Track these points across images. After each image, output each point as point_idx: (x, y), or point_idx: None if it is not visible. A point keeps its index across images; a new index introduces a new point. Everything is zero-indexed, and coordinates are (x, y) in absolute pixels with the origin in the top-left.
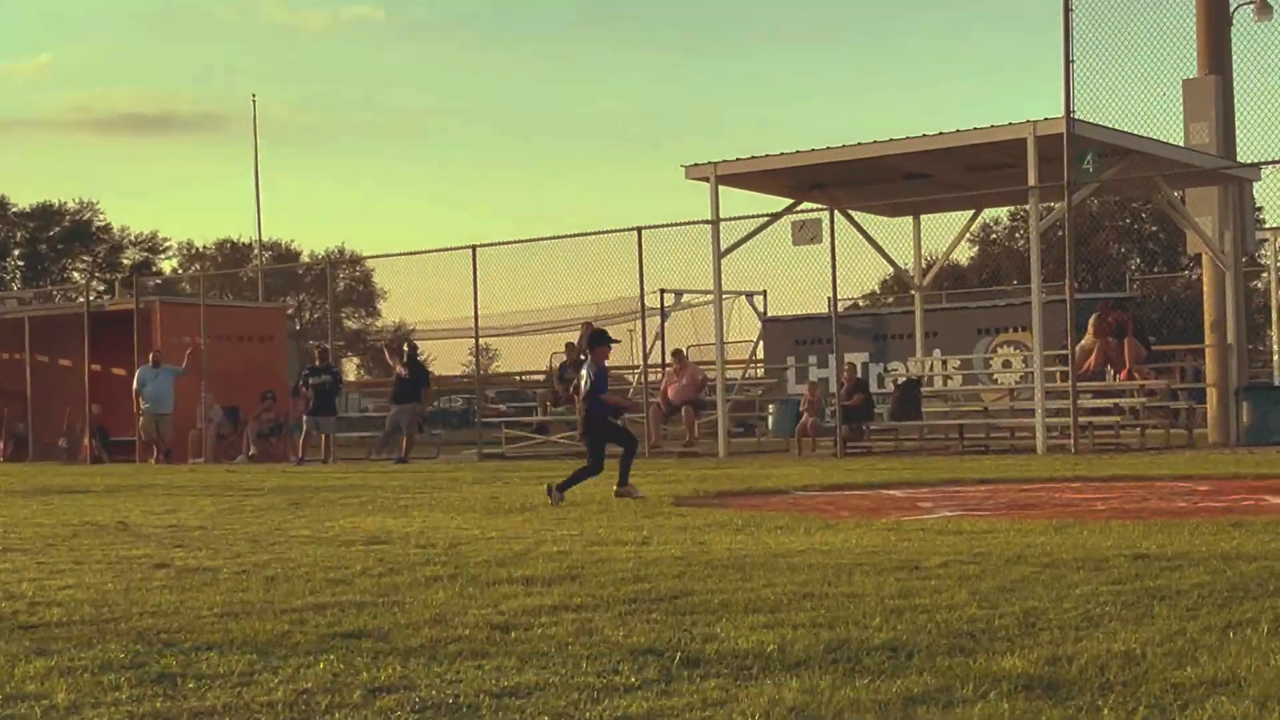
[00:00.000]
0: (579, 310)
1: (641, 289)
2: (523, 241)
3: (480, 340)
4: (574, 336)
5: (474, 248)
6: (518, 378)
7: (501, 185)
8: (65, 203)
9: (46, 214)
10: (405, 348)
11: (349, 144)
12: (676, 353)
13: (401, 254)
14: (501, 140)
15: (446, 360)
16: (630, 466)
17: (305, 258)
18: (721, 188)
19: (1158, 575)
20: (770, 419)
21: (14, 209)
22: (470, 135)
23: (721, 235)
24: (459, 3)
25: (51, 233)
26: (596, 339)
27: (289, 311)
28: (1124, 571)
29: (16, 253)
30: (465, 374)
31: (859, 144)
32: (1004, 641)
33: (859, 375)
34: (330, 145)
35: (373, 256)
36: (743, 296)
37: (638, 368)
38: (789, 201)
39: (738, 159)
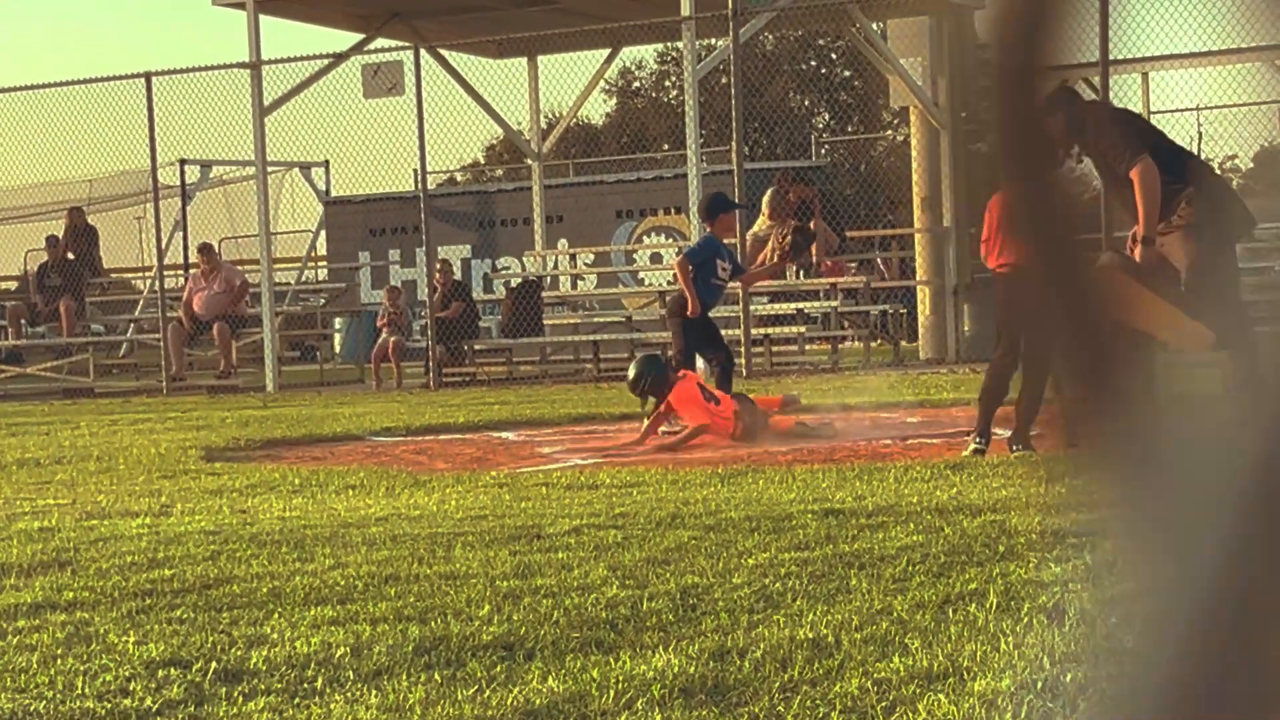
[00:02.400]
0: (63, 190)
1: (154, 159)
2: None
3: None
4: (58, 228)
5: None
6: None
7: None
8: None
9: None
10: None
11: None
12: (204, 248)
13: None
14: None
15: None
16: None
17: None
18: (264, 18)
19: (855, 538)
20: (338, 339)
21: None
22: None
23: (265, 84)
24: None
25: None
26: (718, 205)
27: None
28: (811, 534)
29: None
30: None
31: None
32: (655, 632)
33: (457, 277)
34: None
35: None
36: (296, 169)
37: (148, 270)
38: (358, 37)
39: None
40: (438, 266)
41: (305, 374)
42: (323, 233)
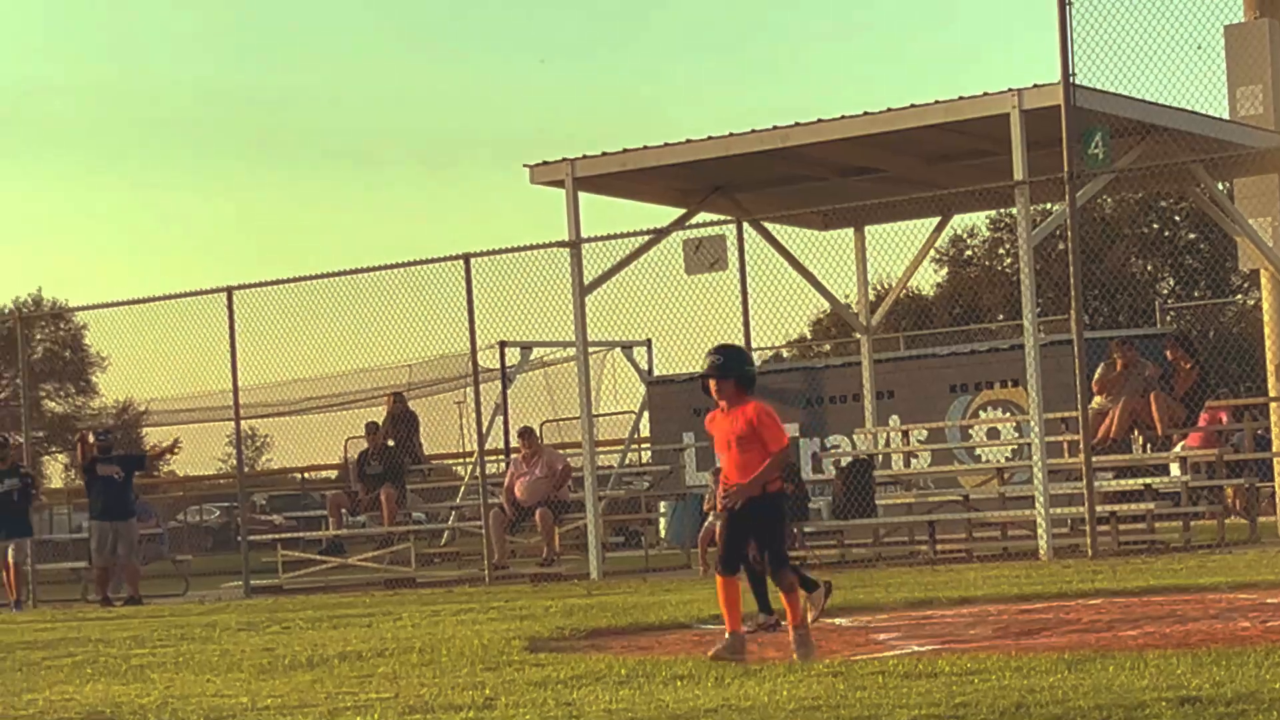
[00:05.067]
0: (383, 376)
1: (473, 342)
2: (298, 280)
3: (243, 423)
4: (378, 414)
5: (229, 290)
6: (298, 476)
7: (266, 205)
8: None
9: None
10: (92, 438)
11: (42, 148)
12: (525, 432)
13: (124, 303)
14: (264, 144)
15: (195, 454)
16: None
17: None
18: (583, 195)
19: None
20: (663, 523)
21: None
22: (217, 134)
23: (585, 262)
24: None
25: None
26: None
27: None
28: None
29: None
30: (223, 473)
31: (774, 128)
32: None
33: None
34: (15, 150)
35: (84, 308)
36: (617, 349)
37: (469, 456)
38: (679, 212)
39: (604, 154)
40: None
41: (630, 560)
42: (646, 413)
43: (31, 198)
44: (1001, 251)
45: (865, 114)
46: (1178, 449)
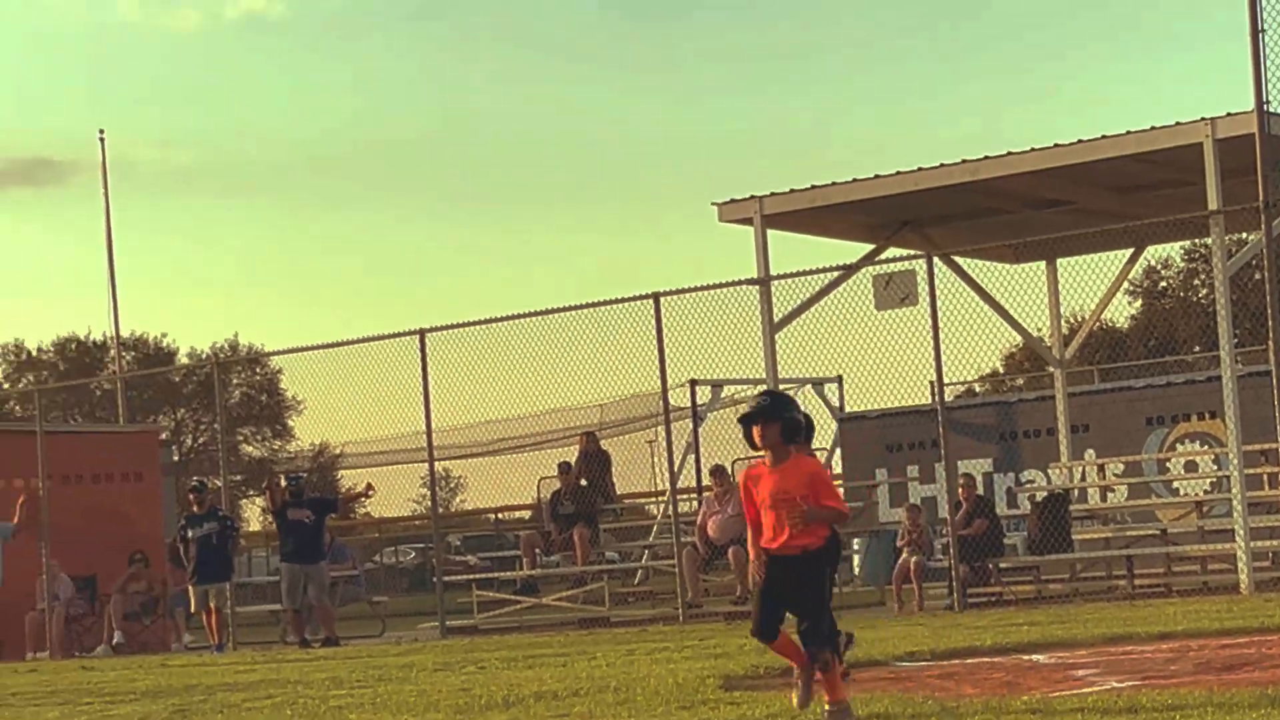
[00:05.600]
0: (575, 416)
1: (664, 381)
2: (489, 321)
3: (436, 465)
4: (570, 454)
5: (421, 333)
6: (492, 516)
7: (455, 247)
8: None
9: None
10: (283, 482)
11: (237, 196)
12: (717, 470)
13: (318, 347)
14: (453, 185)
15: (390, 496)
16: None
17: (183, 358)
18: (772, 233)
19: None
20: (856, 560)
21: None
22: (408, 179)
23: (774, 300)
24: None
25: None
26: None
27: (163, 436)
28: None
29: None
30: (417, 514)
31: (963, 162)
32: None
33: (980, 492)
34: (211, 199)
35: (279, 353)
36: (808, 386)
37: (661, 494)
38: (868, 248)
39: (791, 191)
40: (959, 481)
41: None
42: (838, 450)
43: (226, 244)
44: (1197, 282)
45: (1055, 145)
46: None
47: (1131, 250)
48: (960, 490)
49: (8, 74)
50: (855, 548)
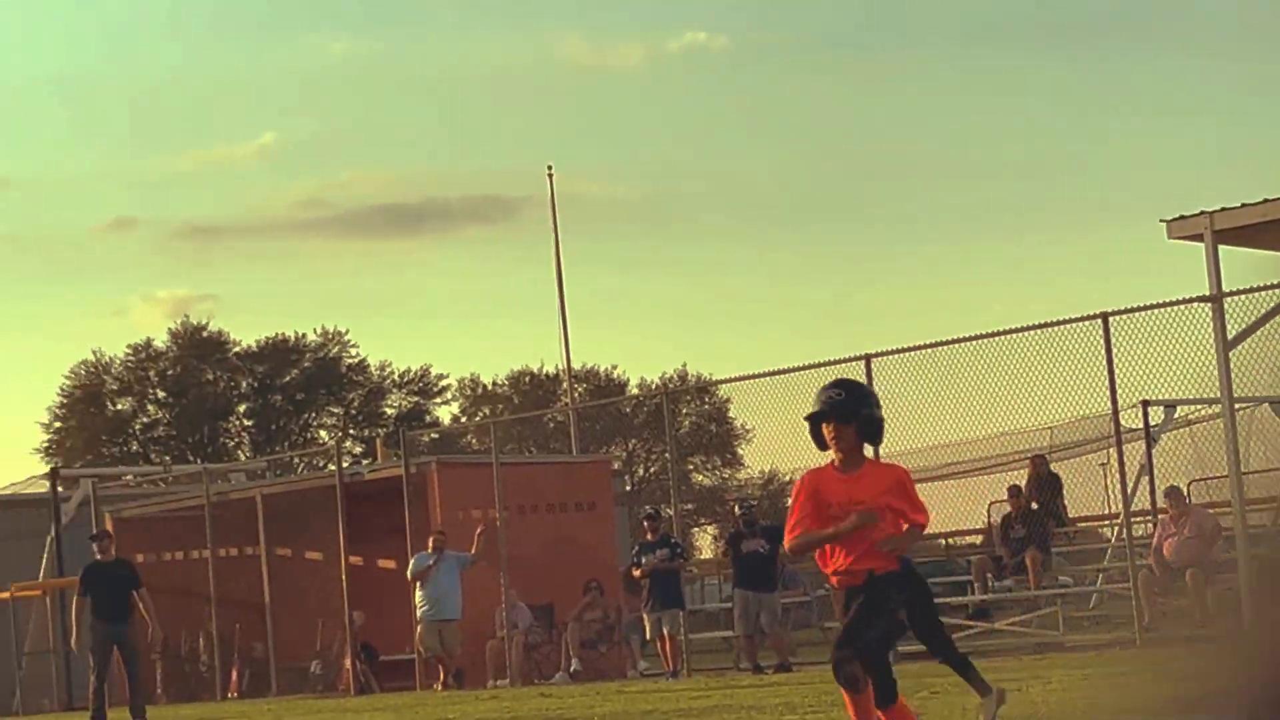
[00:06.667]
0: (1024, 439)
1: (1114, 402)
2: (934, 345)
3: None
4: (1019, 478)
5: (867, 358)
6: (941, 541)
7: (899, 271)
8: (303, 335)
9: (278, 352)
10: (737, 510)
11: (684, 228)
12: (1172, 492)
13: (765, 374)
14: (896, 208)
15: None
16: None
17: (633, 389)
18: (1223, 248)
19: None
20: None
21: (235, 348)
22: (848, 202)
23: (1227, 317)
24: (836, 22)
25: (287, 378)
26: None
27: (615, 466)
28: None
29: (242, 408)
30: None
31: None
32: None
33: None
34: (659, 231)
35: (727, 381)
36: (1266, 405)
37: (1115, 517)
38: None
39: (1244, 205)
40: None
41: None
42: None
43: (673, 276)
44: None
45: None
46: None
47: None
48: None
49: (460, 115)
50: None
